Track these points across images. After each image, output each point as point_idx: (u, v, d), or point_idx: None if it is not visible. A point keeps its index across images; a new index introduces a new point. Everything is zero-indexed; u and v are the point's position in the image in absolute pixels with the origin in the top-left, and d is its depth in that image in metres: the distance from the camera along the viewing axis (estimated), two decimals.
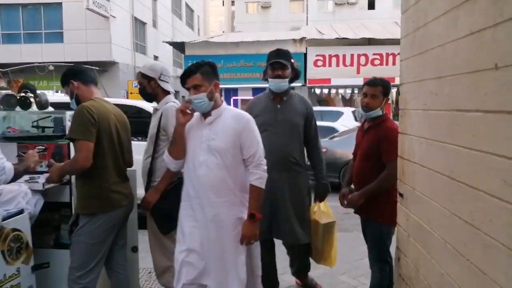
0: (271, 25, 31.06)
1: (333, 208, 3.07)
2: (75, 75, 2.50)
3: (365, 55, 15.89)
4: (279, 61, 2.88)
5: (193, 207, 2.25)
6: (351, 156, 3.19)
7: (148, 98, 2.95)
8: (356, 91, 17.68)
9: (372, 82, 2.77)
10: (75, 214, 2.50)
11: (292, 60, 2.96)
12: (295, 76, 2.98)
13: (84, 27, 18.34)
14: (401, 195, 2.20)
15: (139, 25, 22.26)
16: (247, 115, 2.30)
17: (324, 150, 7.23)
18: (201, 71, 2.26)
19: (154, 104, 3.04)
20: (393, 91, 17.98)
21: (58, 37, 18.78)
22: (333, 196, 3.13)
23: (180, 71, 16.75)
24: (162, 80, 2.88)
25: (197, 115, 2.34)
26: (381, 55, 15.81)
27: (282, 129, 2.88)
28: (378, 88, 2.72)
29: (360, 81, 15.92)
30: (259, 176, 2.21)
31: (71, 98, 2.50)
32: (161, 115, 2.75)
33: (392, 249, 2.48)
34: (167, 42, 17.48)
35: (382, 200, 2.59)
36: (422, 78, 1.89)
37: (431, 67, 1.77)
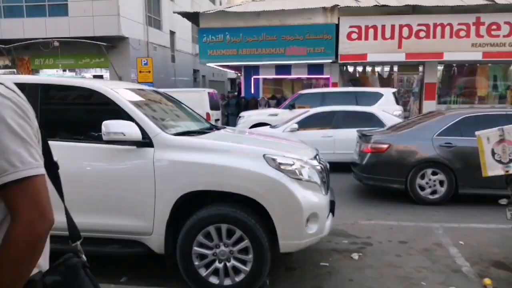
0: None
1: None
2: None
3: (409, 25, 13.48)
4: None
5: None
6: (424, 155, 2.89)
7: None
8: (396, 69, 15.34)
9: None
10: None
11: None
12: None
13: None
14: None
15: None
16: None
17: (385, 146, 5.53)
18: None
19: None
20: (440, 68, 15.61)
21: (62, 10, 17.09)
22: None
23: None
24: None
25: None
26: (427, 26, 13.38)
27: None
28: None
29: (401, 57, 13.61)
30: None
31: None
32: None
33: None
34: (177, 13, 15.50)
35: None
36: None
37: None
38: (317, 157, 3.76)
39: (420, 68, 14.88)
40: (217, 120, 12.85)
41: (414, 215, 5.56)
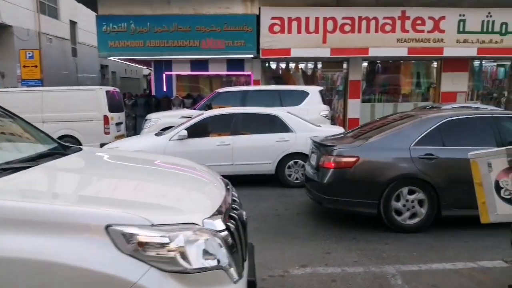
0: None
1: None
2: None
3: (333, 18, 12.51)
4: None
5: None
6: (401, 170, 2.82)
7: None
8: (320, 65, 14.39)
9: None
10: None
11: None
12: None
13: None
14: None
15: None
16: None
17: (352, 159, 3.68)
18: None
19: None
20: (364, 65, 14.97)
21: None
22: None
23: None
24: None
25: None
26: (352, 19, 12.51)
27: None
28: None
29: (326, 52, 12.60)
30: None
31: None
32: None
33: None
34: None
35: None
36: None
37: None
38: (226, 202, 2.19)
39: (344, 65, 14.07)
40: (119, 123, 10.78)
41: (360, 251, 4.24)
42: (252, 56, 12.89)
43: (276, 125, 7.48)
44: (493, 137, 5.00)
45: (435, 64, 14.08)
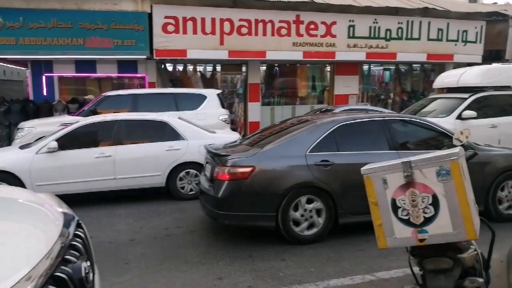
0: None
1: None
2: None
3: (230, 20, 12.19)
4: None
5: None
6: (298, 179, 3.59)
7: None
8: (219, 68, 14.00)
9: None
10: None
11: None
12: None
13: None
14: None
15: None
16: None
17: (248, 169, 4.36)
18: None
19: None
20: (263, 68, 14.96)
21: None
22: None
23: None
24: None
25: None
26: (249, 21, 12.32)
27: None
28: None
29: (224, 55, 12.24)
30: None
31: None
32: None
33: None
34: None
35: None
36: None
37: None
38: (52, 257, 1.55)
39: (244, 68, 13.87)
40: None
41: (255, 273, 3.82)
42: (145, 57, 12.00)
43: (165, 132, 6.81)
44: (386, 140, 5.01)
45: (328, 68, 14.57)
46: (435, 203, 1.96)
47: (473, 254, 2.24)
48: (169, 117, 7.21)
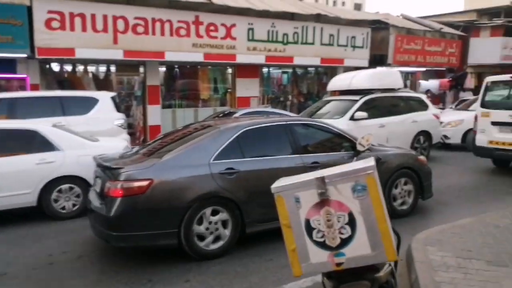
0: None
1: None
2: None
3: (124, 18, 11.37)
4: None
5: None
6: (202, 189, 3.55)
7: None
8: (114, 69, 13.00)
9: None
10: None
11: None
12: None
13: None
14: None
15: None
16: None
17: (145, 183, 3.99)
18: None
19: None
20: (162, 69, 14.27)
21: None
22: None
23: None
24: None
25: None
26: (145, 20, 11.63)
27: None
28: None
29: (119, 54, 11.38)
30: None
31: None
32: None
33: None
34: None
35: None
36: None
37: None
38: None
39: (141, 69, 13.09)
40: None
41: None
42: (25, 55, 10.61)
43: (35, 142, 5.86)
44: (289, 143, 4.97)
45: (230, 70, 14.48)
46: (352, 222, 1.82)
47: (389, 270, 2.16)
48: (40, 124, 6.23)
